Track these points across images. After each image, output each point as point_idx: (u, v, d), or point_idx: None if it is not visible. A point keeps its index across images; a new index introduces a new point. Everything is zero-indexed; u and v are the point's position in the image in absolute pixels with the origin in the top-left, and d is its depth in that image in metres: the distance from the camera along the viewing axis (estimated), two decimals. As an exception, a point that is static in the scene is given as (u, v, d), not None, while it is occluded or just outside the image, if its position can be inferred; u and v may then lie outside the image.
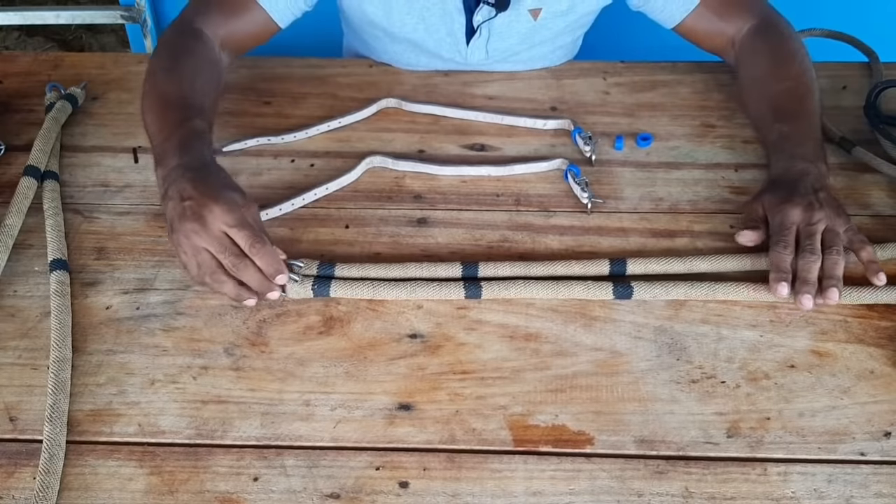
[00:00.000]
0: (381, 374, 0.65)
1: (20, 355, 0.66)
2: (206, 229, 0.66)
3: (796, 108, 0.83)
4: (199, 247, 0.66)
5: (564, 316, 0.70)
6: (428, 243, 0.77)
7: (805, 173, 0.75)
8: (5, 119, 0.90)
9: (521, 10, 0.90)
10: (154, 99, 0.80)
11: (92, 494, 0.58)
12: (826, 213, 0.72)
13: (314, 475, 0.59)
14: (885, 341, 0.68)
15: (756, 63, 0.88)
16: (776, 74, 0.86)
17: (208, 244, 0.66)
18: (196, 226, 0.66)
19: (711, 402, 0.63)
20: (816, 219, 0.71)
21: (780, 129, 0.81)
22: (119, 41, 2.26)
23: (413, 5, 0.90)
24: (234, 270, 0.67)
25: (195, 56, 0.84)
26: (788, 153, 0.78)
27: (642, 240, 0.77)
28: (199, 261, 0.67)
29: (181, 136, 0.74)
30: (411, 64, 0.98)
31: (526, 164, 0.84)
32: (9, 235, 0.74)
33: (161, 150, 0.74)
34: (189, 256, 0.67)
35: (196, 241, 0.66)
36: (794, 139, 0.79)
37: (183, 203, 0.67)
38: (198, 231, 0.66)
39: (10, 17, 1.46)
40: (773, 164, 0.80)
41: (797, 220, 0.72)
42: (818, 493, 0.58)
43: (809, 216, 0.71)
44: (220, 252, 0.66)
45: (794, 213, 0.72)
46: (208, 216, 0.66)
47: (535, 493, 0.58)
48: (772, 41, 0.88)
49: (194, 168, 0.70)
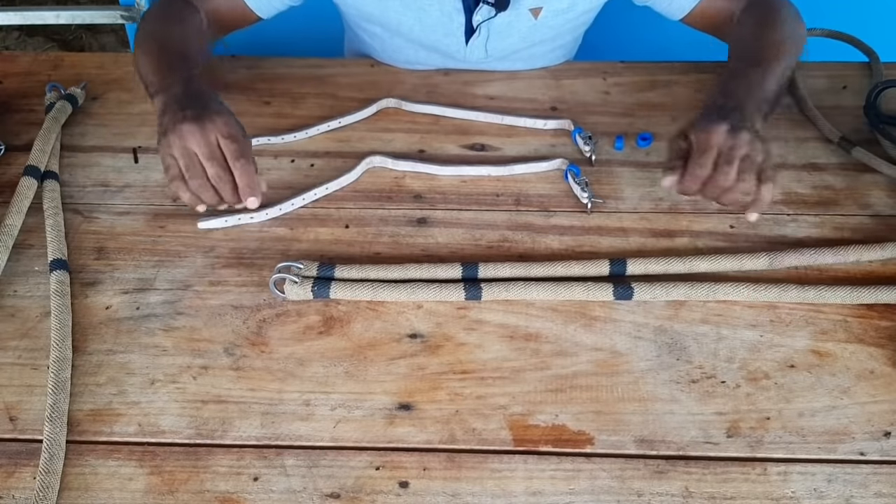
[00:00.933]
0: (381, 373, 0.65)
1: (20, 355, 0.66)
2: (203, 133, 0.70)
3: (759, 59, 0.81)
4: (190, 149, 0.70)
5: (564, 316, 0.70)
6: (428, 243, 0.77)
7: (738, 108, 0.75)
8: (5, 119, 0.90)
9: (522, 9, 0.90)
10: (150, 50, 0.81)
11: (92, 494, 0.58)
12: (748, 139, 0.72)
13: (314, 475, 0.59)
14: (885, 341, 0.68)
15: (742, 26, 0.88)
16: (756, 34, 0.85)
17: (199, 147, 0.70)
18: (193, 127, 0.70)
19: (711, 401, 0.63)
20: (738, 144, 0.71)
21: (736, 66, 0.81)
22: (119, 41, 2.26)
23: (410, 5, 0.90)
24: (216, 179, 0.71)
25: (186, 23, 0.87)
26: (731, 88, 0.78)
27: (642, 240, 0.77)
28: (185, 163, 0.70)
29: (181, 73, 0.77)
30: (410, 60, 0.98)
31: (526, 164, 0.84)
32: (9, 235, 0.74)
33: (161, 83, 0.76)
34: (177, 156, 0.70)
35: (188, 142, 0.70)
36: (743, 81, 0.78)
37: (183, 111, 0.71)
38: (194, 132, 0.70)
39: (10, 17, 1.45)
40: (711, 94, 0.79)
41: (719, 143, 0.72)
42: (818, 493, 0.58)
43: (732, 141, 0.71)
44: (209, 158, 0.70)
45: (717, 136, 0.72)
46: (207, 123, 0.70)
47: (535, 492, 0.58)
48: (762, 9, 0.87)
49: (197, 94, 0.74)
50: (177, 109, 0.72)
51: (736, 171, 0.71)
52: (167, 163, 0.72)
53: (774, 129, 0.89)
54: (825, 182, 0.83)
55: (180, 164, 0.71)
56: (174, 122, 0.71)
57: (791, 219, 0.79)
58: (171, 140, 0.71)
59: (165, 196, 0.81)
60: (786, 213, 0.80)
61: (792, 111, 0.92)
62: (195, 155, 0.71)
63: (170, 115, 0.72)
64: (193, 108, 0.72)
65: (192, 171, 0.71)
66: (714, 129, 0.72)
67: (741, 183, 0.71)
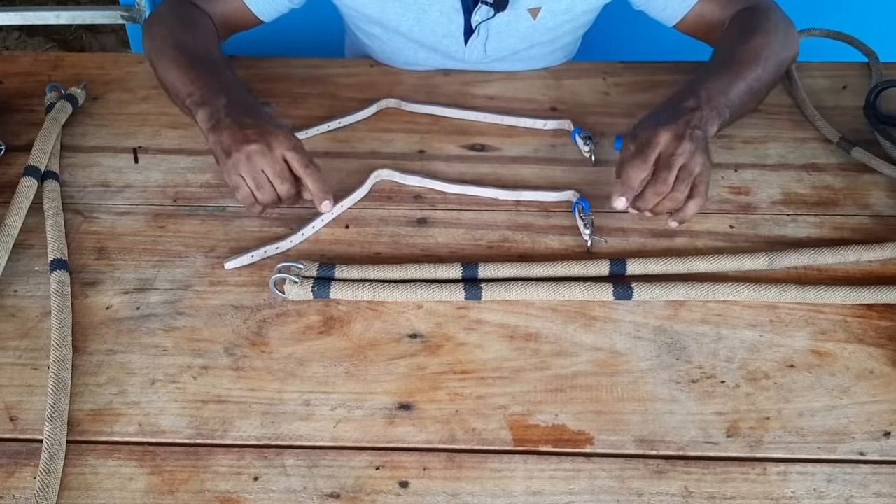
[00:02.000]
0: (381, 373, 0.65)
1: (20, 355, 0.66)
2: (271, 152, 0.72)
3: (732, 64, 0.81)
4: (259, 168, 0.72)
5: (564, 316, 0.70)
6: (428, 243, 0.77)
7: (694, 110, 0.75)
8: (6, 119, 0.90)
9: (521, 9, 0.90)
10: (176, 58, 0.82)
11: (92, 494, 0.58)
12: (691, 150, 0.72)
13: (314, 475, 0.59)
14: (885, 341, 0.68)
15: (726, 32, 0.88)
16: (736, 41, 0.85)
17: (269, 166, 0.72)
18: (261, 147, 0.72)
19: (711, 401, 0.63)
20: (680, 151, 0.72)
21: (708, 68, 0.81)
22: (119, 41, 2.26)
23: (409, 6, 0.90)
24: (286, 195, 0.74)
25: (203, 29, 0.88)
26: (695, 88, 0.78)
27: (642, 240, 0.77)
28: (256, 182, 0.72)
29: (221, 82, 0.79)
30: (410, 61, 0.98)
31: (535, 191, 0.81)
32: (9, 235, 0.74)
33: (202, 94, 0.77)
34: (246, 176, 0.72)
35: (257, 162, 0.72)
36: (709, 83, 0.79)
37: (244, 130, 0.73)
38: (263, 153, 0.72)
39: (10, 17, 1.45)
40: (674, 92, 0.79)
41: (662, 145, 0.72)
42: (818, 493, 0.58)
43: (675, 145, 0.72)
44: (278, 176, 0.73)
45: (663, 136, 0.72)
46: (273, 140, 0.72)
47: (535, 492, 0.58)
48: (750, 18, 0.87)
49: (246, 106, 0.76)
50: (234, 127, 0.73)
51: (672, 178, 0.72)
52: (235, 182, 0.73)
53: (774, 128, 0.90)
54: (825, 182, 0.83)
55: (249, 184, 0.73)
56: (236, 142, 0.72)
57: (791, 219, 0.79)
58: (238, 161, 0.72)
59: (166, 196, 0.81)
60: (785, 213, 0.80)
61: (792, 111, 0.92)
62: (263, 173, 0.72)
63: (228, 134, 0.73)
64: (253, 127, 0.73)
65: (262, 190, 0.73)
66: (661, 130, 0.73)
67: (675, 192, 0.72)
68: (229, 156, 0.72)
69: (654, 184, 0.72)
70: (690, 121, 0.74)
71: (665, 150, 0.72)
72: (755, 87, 0.81)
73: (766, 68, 0.82)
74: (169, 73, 0.81)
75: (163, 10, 0.90)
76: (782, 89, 0.95)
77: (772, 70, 0.83)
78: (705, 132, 0.74)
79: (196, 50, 0.83)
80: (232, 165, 0.72)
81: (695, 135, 0.73)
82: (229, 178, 0.73)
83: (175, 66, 0.81)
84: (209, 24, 0.89)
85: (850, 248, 0.74)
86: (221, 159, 0.73)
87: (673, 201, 0.72)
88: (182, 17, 0.88)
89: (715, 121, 0.76)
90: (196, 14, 0.89)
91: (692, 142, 0.72)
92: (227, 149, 0.73)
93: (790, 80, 0.94)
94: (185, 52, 0.82)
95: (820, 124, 0.89)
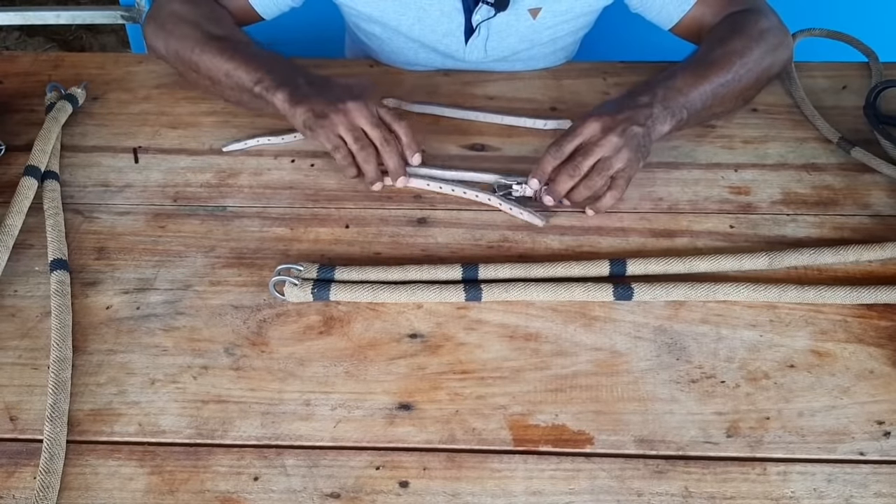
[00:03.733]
0: (381, 373, 0.65)
1: (20, 355, 0.66)
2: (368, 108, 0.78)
3: (700, 66, 0.81)
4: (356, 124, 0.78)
5: (564, 316, 0.70)
6: (428, 243, 0.77)
7: (644, 106, 0.75)
8: (6, 119, 0.90)
9: (521, 9, 0.90)
10: (221, 49, 0.83)
11: (92, 494, 0.58)
12: (617, 145, 0.73)
13: (314, 475, 0.59)
14: (885, 341, 0.68)
15: (710, 34, 0.88)
16: (714, 43, 0.84)
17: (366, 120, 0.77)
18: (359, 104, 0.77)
19: (711, 401, 0.64)
20: (602, 143, 0.73)
21: (671, 68, 0.82)
22: (119, 41, 2.26)
23: (409, 5, 0.90)
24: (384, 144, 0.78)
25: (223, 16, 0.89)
26: (653, 84, 0.78)
27: (642, 239, 0.77)
28: (355, 136, 0.77)
29: (287, 64, 0.83)
30: (410, 61, 0.98)
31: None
32: (9, 235, 0.74)
33: (274, 77, 0.80)
34: (345, 133, 0.77)
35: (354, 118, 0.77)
36: (671, 81, 0.79)
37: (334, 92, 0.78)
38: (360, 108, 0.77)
39: (11, 17, 1.46)
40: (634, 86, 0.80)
41: (587, 135, 0.74)
42: (818, 493, 0.58)
43: (600, 137, 0.73)
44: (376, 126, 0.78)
45: (589, 126, 0.74)
46: (367, 98, 0.78)
47: (535, 492, 0.58)
48: (737, 22, 0.87)
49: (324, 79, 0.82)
50: (324, 93, 0.78)
51: (587, 167, 0.73)
52: (335, 143, 0.77)
53: (774, 128, 0.90)
54: (825, 182, 0.83)
55: (348, 140, 0.77)
56: (330, 104, 0.77)
57: (790, 219, 0.79)
58: (337, 120, 0.76)
59: (166, 196, 0.81)
60: (785, 213, 0.80)
61: (792, 111, 0.92)
62: (360, 129, 0.77)
63: (320, 101, 0.77)
64: (342, 88, 0.78)
65: (361, 141, 0.77)
66: (591, 120, 0.74)
67: (588, 180, 0.74)
68: (326, 117, 0.76)
69: (566, 166, 0.74)
70: (632, 117, 0.74)
71: (587, 140, 0.74)
72: (722, 93, 0.81)
73: (739, 74, 0.81)
74: (219, 66, 0.82)
75: (170, 7, 0.88)
76: (782, 89, 0.95)
77: (747, 77, 0.82)
78: (649, 130, 0.75)
79: (240, 39, 0.85)
80: (330, 125, 0.76)
81: (629, 131, 0.73)
82: (328, 140, 0.77)
83: (227, 57, 0.82)
84: (227, 13, 0.90)
85: (850, 248, 0.74)
86: (315, 124, 0.77)
87: (588, 189, 0.74)
88: (203, 11, 0.88)
89: (667, 120, 0.77)
90: (211, 5, 0.90)
91: (621, 137, 0.73)
92: (322, 112, 0.77)
93: (790, 80, 0.94)
94: (231, 43, 0.84)
95: (820, 124, 0.89)
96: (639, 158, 0.74)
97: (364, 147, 0.77)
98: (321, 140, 0.78)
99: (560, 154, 0.75)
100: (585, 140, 0.74)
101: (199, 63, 0.84)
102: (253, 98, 0.81)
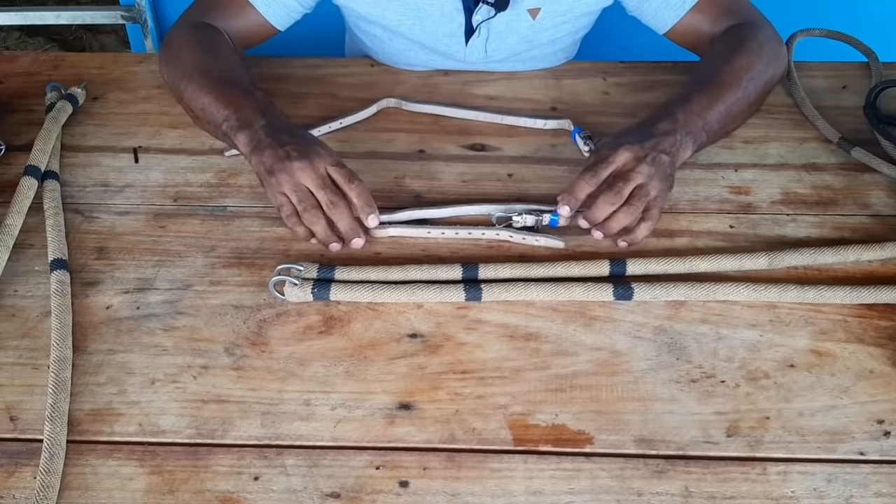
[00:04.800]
0: (381, 373, 0.65)
1: (21, 355, 0.66)
2: (313, 167, 0.72)
3: (713, 85, 0.81)
4: (301, 184, 0.73)
5: (564, 315, 0.70)
6: (428, 243, 0.77)
7: (667, 134, 0.75)
8: (6, 119, 0.91)
9: (521, 9, 0.90)
10: (206, 85, 0.82)
11: (92, 494, 0.58)
12: (650, 174, 0.72)
13: (314, 475, 0.59)
14: (885, 341, 0.68)
15: (712, 48, 0.88)
16: (720, 60, 0.84)
17: (311, 180, 0.72)
18: (303, 164, 0.72)
19: (711, 401, 0.64)
20: (638, 171, 0.72)
21: (688, 88, 0.81)
22: (119, 41, 2.26)
23: (409, 6, 0.90)
24: (330, 207, 0.73)
25: (223, 50, 0.87)
26: (672, 110, 0.78)
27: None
28: (299, 196, 0.72)
29: (255, 105, 0.79)
30: (410, 62, 0.98)
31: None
32: (9, 235, 0.74)
33: (239, 118, 0.77)
34: (289, 193, 0.73)
35: (299, 178, 0.72)
36: (687, 105, 0.79)
37: (284, 148, 0.73)
38: (304, 168, 0.72)
39: (11, 17, 1.46)
40: (650, 112, 0.80)
41: (620, 163, 0.73)
42: (818, 493, 0.58)
43: (633, 165, 0.73)
44: (322, 188, 0.72)
45: (622, 155, 0.73)
46: (314, 157, 0.73)
47: (535, 492, 0.58)
48: (738, 36, 0.87)
49: (284, 126, 0.77)
50: (275, 147, 0.73)
51: (627, 192, 0.72)
52: (280, 201, 0.73)
53: (774, 128, 0.90)
54: (825, 182, 0.83)
55: (293, 200, 0.73)
56: (279, 160, 0.72)
57: (791, 219, 0.79)
58: (281, 179, 0.72)
59: (166, 196, 0.81)
60: (785, 213, 0.80)
61: (792, 111, 0.92)
62: (306, 188, 0.73)
63: (270, 154, 0.73)
64: (293, 144, 0.73)
65: (305, 202, 0.73)
66: (622, 149, 0.73)
67: (628, 206, 0.72)
68: (272, 174, 0.73)
69: (607, 193, 0.72)
70: (658, 144, 0.74)
71: (622, 169, 0.73)
72: (735, 111, 0.81)
73: (748, 90, 0.82)
74: (198, 99, 0.81)
75: (179, 35, 0.89)
76: (782, 89, 0.95)
77: (754, 91, 0.83)
78: (674, 158, 0.75)
79: (223, 73, 0.83)
80: (275, 183, 0.73)
81: (658, 160, 0.73)
82: (273, 198, 0.74)
83: (204, 91, 0.81)
84: (228, 44, 0.89)
85: (850, 248, 0.74)
86: (265, 179, 0.74)
87: (627, 216, 0.73)
88: (202, 41, 0.87)
89: (689, 146, 0.77)
90: (214, 34, 0.88)
91: (652, 166, 0.73)
92: (270, 168, 0.73)
93: (790, 80, 0.95)
94: (213, 76, 0.82)
95: (820, 124, 0.89)
96: (667, 187, 0.74)
97: (308, 208, 0.72)
98: (268, 195, 0.75)
99: (595, 181, 0.73)
100: (618, 168, 0.73)
101: (184, 94, 0.83)
102: (224, 136, 0.80)
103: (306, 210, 0.73)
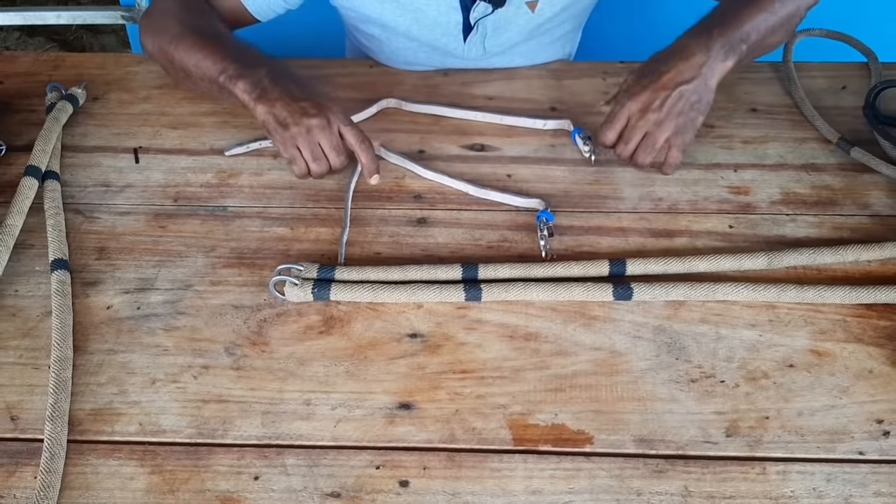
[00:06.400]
0: (381, 373, 0.66)
1: (21, 355, 0.67)
2: (330, 127, 0.77)
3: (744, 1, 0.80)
4: (316, 142, 0.77)
5: (564, 315, 0.70)
6: (428, 243, 0.77)
7: (691, 57, 0.76)
8: (6, 119, 0.91)
9: (519, 3, 0.90)
10: (195, 41, 0.82)
11: (93, 493, 0.58)
12: (655, 119, 0.76)
13: (315, 474, 0.59)
14: (884, 341, 0.68)
15: None
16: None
17: (327, 141, 0.77)
18: (321, 122, 0.76)
19: (710, 401, 0.64)
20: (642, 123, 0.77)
21: (719, 7, 0.82)
22: (119, 41, 2.26)
23: (407, 6, 0.90)
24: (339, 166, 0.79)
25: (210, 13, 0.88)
26: (706, 26, 0.78)
27: (641, 240, 0.77)
28: (314, 155, 0.77)
29: (254, 55, 0.80)
30: (409, 61, 0.98)
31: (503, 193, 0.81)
32: (10, 235, 0.74)
33: (237, 66, 0.79)
34: (304, 150, 0.77)
35: (316, 136, 0.77)
36: (720, 20, 0.79)
37: (299, 103, 0.77)
38: (322, 128, 0.76)
39: (11, 17, 1.46)
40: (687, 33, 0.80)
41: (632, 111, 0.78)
42: (817, 493, 0.58)
43: (640, 115, 0.77)
44: (335, 150, 0.78)
45: (632, 105, 0.77)
46: (331, 115, 0.77)
47: (535, 491, 0.58)
48: None
49: (290, 74, 0.79)
50: (287, 99, 0.76)
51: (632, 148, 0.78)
52: (293, 154, 0.77)
53: (774, 128, 0.90)
54: (824, 182, 0.83)
55: (306, 156, 0.78)
56: (293, 114, 0.76)
57: (790, 219, 0.79)
58: (297, 134, 0.76)
59: (166, 196, 0.81)
60: (785, 213, 0.80)
61: (791, 111, 0.93)
62: (319, 146, 0.77)
63: (283, 107, 0.76)
64: (308, 99, 0.77)
65: (319, 162, 0.78)
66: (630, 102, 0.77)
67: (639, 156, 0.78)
68: (287, 128, 0.75)
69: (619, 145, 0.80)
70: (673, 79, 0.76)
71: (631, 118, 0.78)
72: (771, 22, 0.80)
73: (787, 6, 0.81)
74: (191, 55, 0.81)
75: (163, 4, 0.89)
76: (782, 89, 0.95)
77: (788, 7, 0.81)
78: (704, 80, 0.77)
79: (217, 31, 0.84)
80: (290, 138, 0.76)
81: (668, 100, 0.76)
82: (285, 150, 0.77)
83: (198, 47, 0.81)
84: (217, 17, 0.89)
85: (850, 248, 0.74)
86: (276, 131, 0.76)
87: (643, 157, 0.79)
88: (190, 5, 0.88)
89: (730, 57, 0.77)
90: (201, 3, 0.89)
91: (659, 111, 0.76)
92: (284, 121, 0.75)
93: (790, 81, 0.95)
94: (206, 33, 0.83)
95: (819, 124, 0.89)
96: (692, 118, 0.77)
97: (321, 165, 0.79)
98: (277, 146, 0.79)
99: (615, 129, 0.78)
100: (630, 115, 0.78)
101: (175, 55, 0.83)
102: (220, 90, 0.80)
103: (319, 166, 0.78)
